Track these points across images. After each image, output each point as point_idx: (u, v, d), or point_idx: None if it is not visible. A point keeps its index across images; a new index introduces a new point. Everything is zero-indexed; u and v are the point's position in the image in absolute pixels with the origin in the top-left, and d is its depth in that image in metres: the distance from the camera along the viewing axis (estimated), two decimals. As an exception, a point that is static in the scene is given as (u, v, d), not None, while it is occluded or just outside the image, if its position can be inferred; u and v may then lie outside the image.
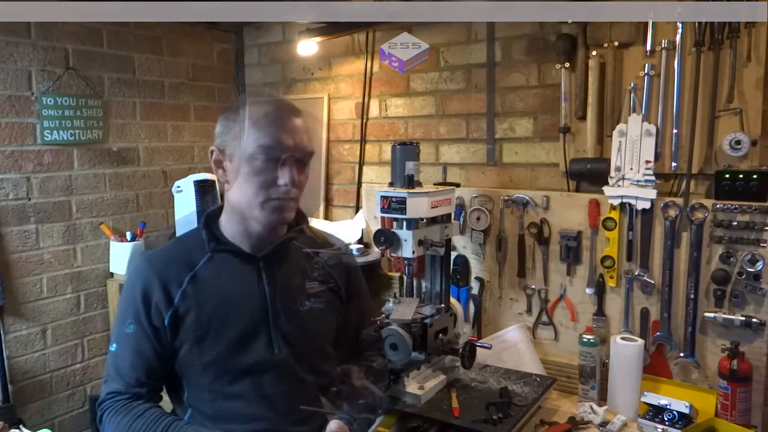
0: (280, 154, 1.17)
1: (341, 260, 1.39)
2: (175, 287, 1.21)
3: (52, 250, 2.38)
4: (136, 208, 2.67)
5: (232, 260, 1.25)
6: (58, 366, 2.44)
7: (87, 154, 2.47)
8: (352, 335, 1.41)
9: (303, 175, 1.22)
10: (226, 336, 1.20)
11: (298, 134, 1.19)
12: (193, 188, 2.31)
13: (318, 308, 1.29)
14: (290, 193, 1.19)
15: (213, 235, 1.26)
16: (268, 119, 1.19)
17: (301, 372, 1.25)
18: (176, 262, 1.25)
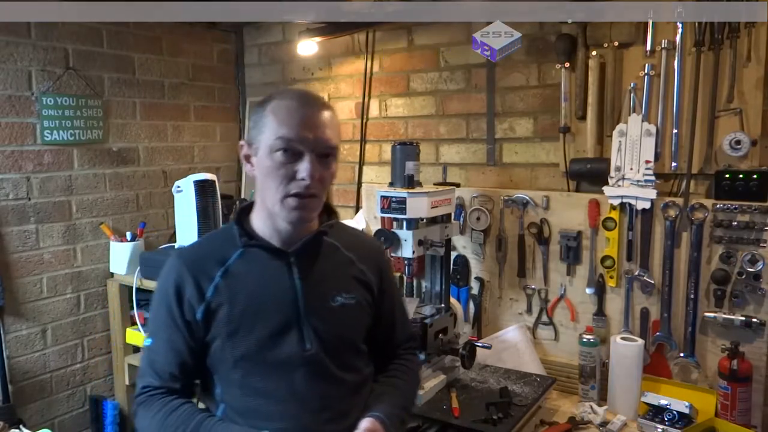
0: (300, 147, 1.15)
1: (373, 257, 1.37)
2: (207, 282, 1.21)
3: (52, 250, 2.38)
4: (136, 208, 2.67)
5: (263, 255, 1.24)
6: (58, 366, 2.44)
7: (87, 154, 2.47)
8: (384, 333, 1.38)
9: (326, 170, 1.19)
10: (258, 331, 1.20)
11: (320, 127, 1.16)
12: (193, 188, 2.31)
13: (350, 304, 1.27)
14: (311, 188, 1.16)
15: (244, 230, 1.25)
16: (288, 111, 1.17)
17: (334, 368, 1.23)
18: (208, 257, 1.25)
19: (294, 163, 1.15)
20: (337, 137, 1.20)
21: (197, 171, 2.52)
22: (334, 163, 1.21)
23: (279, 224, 1.22)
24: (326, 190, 1.23)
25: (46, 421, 2.39)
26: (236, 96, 3.11)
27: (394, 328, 1.41)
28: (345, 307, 1.26)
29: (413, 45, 2.52)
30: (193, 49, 2.87)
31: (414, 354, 1.47)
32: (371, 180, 2.70)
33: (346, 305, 1.26)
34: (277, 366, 1.20)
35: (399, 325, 1.43)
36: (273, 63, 2.99)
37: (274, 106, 1.18)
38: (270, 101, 1.20)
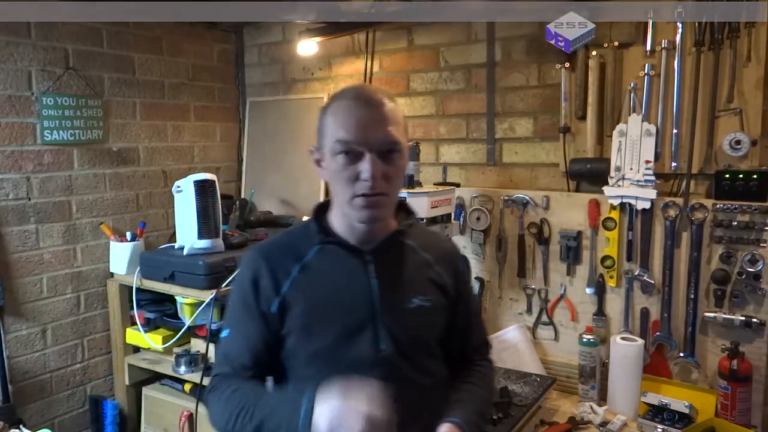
0: (359, 148, 1.13)
1: (450, 260, 1.35)
2: (284, 276, 1.22)
3: (52, 250, 2.38)
4: (136, 208, 2.67)
5: (340, 253, 1.23)
6: (58, 366, 2.43)
7: (87, 154, 2.47)
8: (459, 338, 1.36)
9: (391, 167, 1.15)
10: (332, 328, 1.19)
11: (378, 124, 1.14)
12: (193, 188, 2.31)
13: (426, 307, 1.25)
14: (376, 188, 1.14)
15: (322, 227, 1.25)
16: (344, 112, 1.16)
17: (407, 370, 1.22)
18: (286, 252, 1.25)
19: (356, 164, 1.14)
20: (399, 131, 1.17)
21: (197, 171, 2.51)
22: (399, 159, 1.18)
23: (353, 223, 1.22)
24: (396, 187, 1.21)
25: (46, 421, 2.39)
26: (236, 96, 3.11)
27: (469, 333, 1.39)
28: (421, 309, 1.24)
29: (413, 45, 2.52)
30: (193, 49, 2.87)
31: (489, 360, 1.44)
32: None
33: (422, 307, 1.24)
34: (350, 365, 1.19)
35: (474, 330, 1.40)
36: (273, 63, 2.99)
37: (332, 108, 1.18)
38: (330, 104, 1.20)
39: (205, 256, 2.25)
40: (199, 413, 2.27)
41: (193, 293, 2.25)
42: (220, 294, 2.13)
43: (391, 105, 1.18)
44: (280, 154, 2.92)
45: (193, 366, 2.32)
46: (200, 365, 2.30)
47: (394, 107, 1.19)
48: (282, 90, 2.97)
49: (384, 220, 1.23)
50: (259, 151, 3.01)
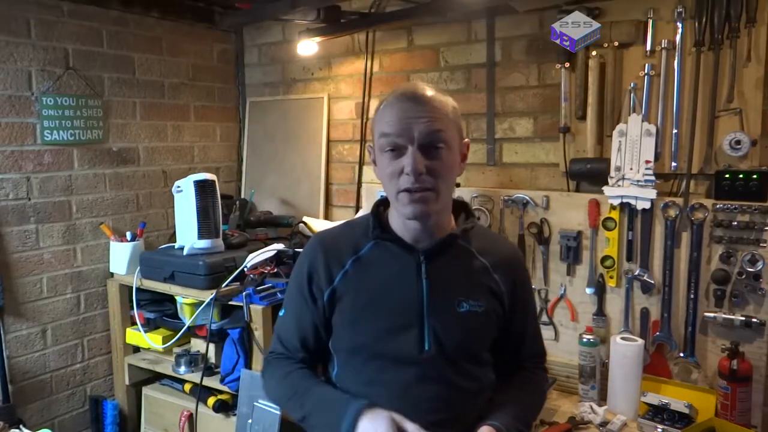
0: (400, 142, 1.14)
1: (509, 266, 1.31)
2: (338, 268, 1.23)
3: (52, 250, 2.38)
4: (136, 208, 2.67)
5: (394, 250, 1.23)
6: (58, 366, 2.43)
7: (87, 154, 2.47)
8: (512, 347, 1.33)
9: (437, 161, 1.14)
10: (379, 322, 1.20)
11: (419, 117, 1.14)
12: (193, 188, 2.31)
13: (476, 312, 1.22)
14: (420, 181, 1.13)
15: (379, 223, 1.25)
16: (389, 108, 1.17)
17: (450, 373, 1.20)
18: (344, 243, 1.26)
19: (400, 159, 1.15)
20: (445, 125, 1.16)
21: (197, 171, 2.52)
22: (446, 154, 1.16)
23: (406, 221, 1.21)
24: (446, 183, 1.19)
25: (46, 421, 2.39)
26: (236, 96, 3.11)
27: (522, 343, 1.36)
28: (471, 314, 1.22)
29: (413, 45, 2.52)
30: (193, 49, 2.87)
31: (542, 369, 1.41)
32: (371, 180, 2.70)
33: (472, 312, 1.22)
34: (393, 361, 1.19)
35: (528, 341, 1.37)
36: (273, 63, 2.99)
37: (382, 106, 1.20)
38: (381, 103, 1.21)
39: (205, 256, 2.25)
40: (199, 413, 2.27)
41: (193, 293, 2.25)
42: (220, 294, 2.13)
43: (439, 98, 1.18)
44: (280, 154, 2.92)
45: (193, 366, 2.32)
46: (200, 365, 2.30)
47: (442, 101, 1.19)
48: (282, 90, 2.97)
49: (434, 216, 1.21)
50: (259, 151, 3.01)
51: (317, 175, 2.78)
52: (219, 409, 2.22)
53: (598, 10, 1.99)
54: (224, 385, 2.19)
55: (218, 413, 2.23)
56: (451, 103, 1.21)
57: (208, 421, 2.27)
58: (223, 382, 2.19)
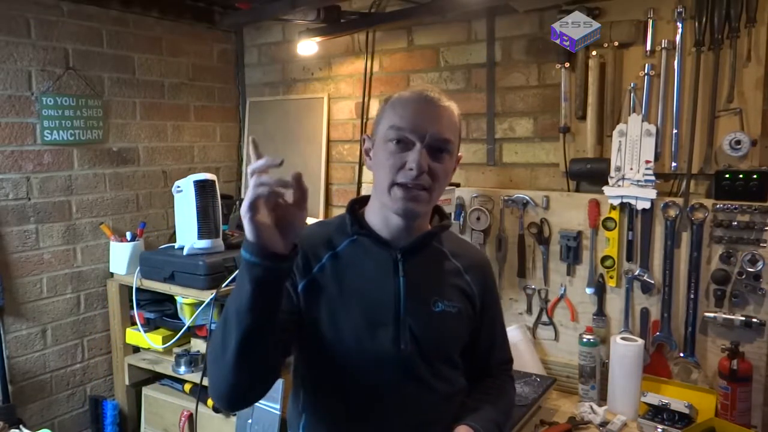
0: (411, 137, 1.15)
1: (479, 269, 1.34)
2: (315, 261, 1.21)
3: (52, 250, 2.38)
4: (136, 208, 2.67)
5: (371, 247, 1.23)
6: (58, 366, 2.43)
7: (87, 154, 2.47)
8: (482, 351, 1.35)
9: (439, 163, 1.17)
10: (355, 318, 1.18)
11: (434, 120, 1.17)
12: (193, 188, 2.31)
13: (450, 313, 1.24)
14: (419, 179, 1.15)
15: (356, 219, 1.25)
16: (404, 103, 1.19)
17: (425, 373, 1.21)
18: (320, 239, 1.24)
19: (405, 154, 1.15)
20: (453, 134, 1.19)
21: (197, 171, 2.52)
22: (448, 159, 1.19)
23: (390, 217, 1.21)
24: (439, 187, 1.20)
25: (46, 421, 2.39)
26: (236, 96, 3.11)
27: (492, 347, 1.37)
28: (446, 314, 1.23)
29: (413, 45, 2.52)
30: (193, 49, 2.87)
31: (510, 377, 1.43)
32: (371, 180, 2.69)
33: (447, 312, 1.23)
34: (369, 359, 1.18)
35: (497, 346, 1.39)
36: (273, 63, 2.99)
37: (394, 100, 1.21)
38: (392, 97, 1.22)
39: (205, 256, 2.26)
40: (199, 413, 2.27)
41: (193, 293, 2.25)
42: (220, 294, 2.13)
43: (453, 109, 1.21)
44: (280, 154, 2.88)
45: (193, 366, 2.32)
46: (200, 365, 2.30)
47: (454, 112, 1.22)
48: (282, 90, 2.97)
49: (421, 217, 1.23)
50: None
51: (317, 175, 2.78)
52: (219, 409, 2.22)
53: (598, 10, 1.99)
54: (224, 385, 2.18)
55: (218, 413, 2.23)
56: (459, 118, 1.24)
57: (208, 421, 2.27)
58: (223, 382, 2.19)
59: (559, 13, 1.99)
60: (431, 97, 1.20)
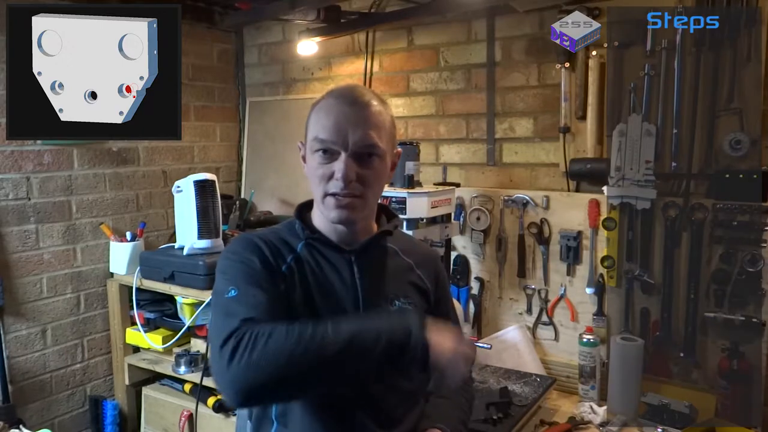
0: (334, 147, 1.13)
1: (430, 264, 1.35)
2: (282, 261, 1.19)
3: (52, 250, 2.38)
4: (136, 208, 2.67)
5: (325, 250, 1.22)
6: (58, 366, 2.43)
7: (87, 154, 2.47)
8: None
9: (367, 169, 1.14)
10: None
11: (358, 126, 1.13)
12: (193, 188, 2.31)
13: (408, 309, 1.24)
14: (349, 188, 1.14)
15: (306, 224, 1.24)
16: (326, 111, 1.16)
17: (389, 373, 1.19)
18: (278, 242, 1.22)
19: (331, 163, 1.14)
20: (380, 135, 1.16)
21: (197, 171, 2.51)
22: (378, 162, 1.16)
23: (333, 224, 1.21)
24: (374, 191, 1.19)
25: (46, 421, 2.39)
26: (236, 96, 3.11)
27: None
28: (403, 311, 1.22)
29: (413, 45, 2.52)
30: (193, 49, 2.87)
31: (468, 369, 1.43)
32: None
33: (404, 310, 1.23)
34: None
35: None
36: (273, 63, 2.99)
37: (319, 105, 1.18)
38: (318, 102, 1.20)
39: (205, 256, 2.25)
40: (199, 413, 2.27)
41: (193, 293, 2.25)
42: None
43: (378, 108, 1.17)
44: (280, 154, 2.92)
45: (193, 366, 2.32)
46: (200, 365, 2.30)
47: (381, 110, 1.18)
48: (282, 90, 2.97)
49: (359, 223, 1.22)
50: (259, 151, 3.01)
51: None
52: (219, 409, 2.22)
53: (598, 10, 1.99)
54: (224, 385, 2.18)
55: (218, 413, 2.23)
56: (389, 111, 1.21)
57: (208, 421, 2.27)
58: (223, 382, 2.19)
59: (559, 13, 1.99)
60: (355, 100, 1.16)
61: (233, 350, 0.98)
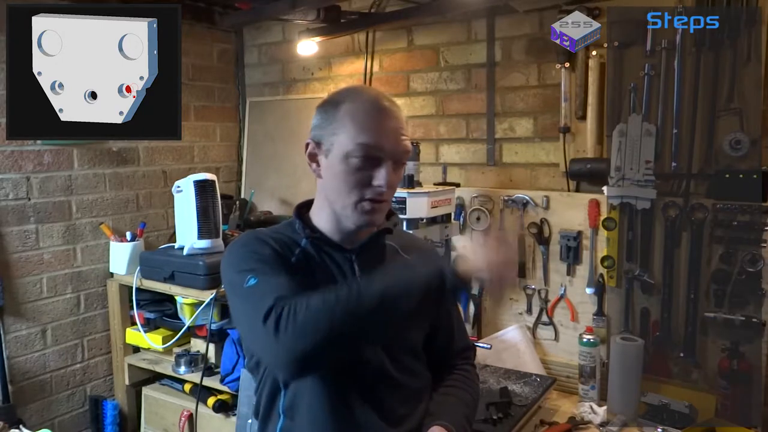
0: (379, 154, 1.14)
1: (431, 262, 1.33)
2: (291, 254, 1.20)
3: (52, 250, 2.38)
4: (136, 208, 2.67)
5: (326, 249, 1.23)
6: (58, 366, 2.43)
7: (87, 154, 2.47)
8: (443, 340, 1.37)
9: (397, 175, 1.18)
10: None
11: (397, 133, 1.15)
12: (193, 188, 2.31)
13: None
14: (384, 195, 1.16)
15: (306, 224, 1.25)
16: (368, 117, 1.15)
17: (392, 371, 1.22)
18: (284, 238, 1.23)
19: (370, 170, 1.14)
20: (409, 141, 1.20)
21: (197, 171, 2.52)
22: (404, 167, 1.21)
23: (344, 225, 1.22)
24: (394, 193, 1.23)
25: (46, 421, 2.39)
26: (236, 96, 3.11)
27: (452, 335, 1.39)
28: None
29: (413, 45, 2.52)
30: (193, 49, 2.87)
31: (472, 365, 1.45)
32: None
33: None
34: None
35: (457, 332, 1.41)
36: (273, 63, 2.99)
37: (351, 109, 1.16)
38: (344, 102, 1.17)
39: (205, 256, 2.26)
40: (199, 413, 2.27)
41: (193, 293, 2.25)
42: (220, 294, 2.13)
43: (401, 113, 1.20)
44: (280, 154, 2.92)
45: (193, 366, 2.33)
46: (200, 365, 2.30)
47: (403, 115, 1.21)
48: (282, 90, 2.97)
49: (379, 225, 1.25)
50: (259, 151, 3.01)
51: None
52: (219, 409, 2.22)
53: (598, 10, 1.99)
54: (224, 385, 2.19)
55: (218, 413, 2.23)
56: None
57: (208, 421, 2.27)
58: (223, 382, 2.19)
59: (559, 13, 1.99)
60: (389, 107, 1.17)
61: (276, 322, 1.01)
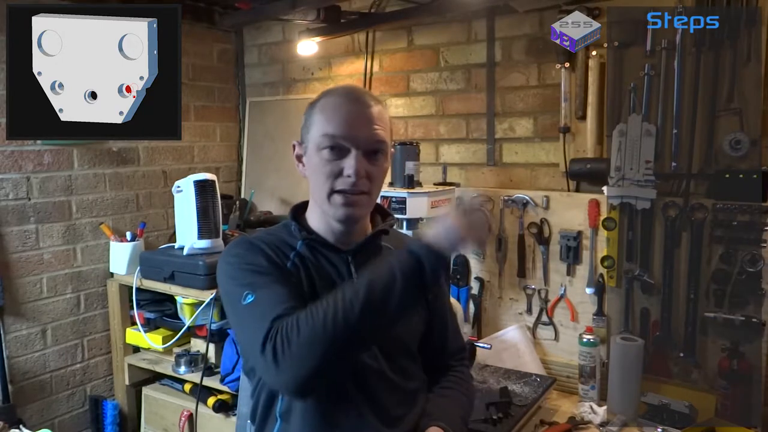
0: (346, 144, 1.14)
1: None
2: (285, 258, 1.20)
3: (52, 250, 2.38)
4: (136, 208, 2.67)
5: (322, 251, 1.23)
6: (58, 366, 2.43)
7: (87, 154, 2.47)
8: (438, 340, 1.37)
9: (375, 166, 1.17)
10: None
11: (367, 123, 1.15)
12: (193, 188, 2.31)
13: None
14: (358, 185, 1.14)
15: (302, 225, 1.25)
16: (335, 108, 1.16)
17: (389, 372, 1.22)
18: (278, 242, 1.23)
19: (340, 160, 1.15)
20: (386, 132, 1.19)
21: (197, 171, 2.51)
22: (383, 159, 1.20)
23: (332, 224, 1.22)
24: (377, 188, 1.21)
25: (46, 421, 2.39)
26: (236, 96, 3.11)
27: (447, 336, 1.39)
28: None
29: (413, 45, 2.52)
30: (193, 49, 2.87)
31: (466, 366, 1.45)
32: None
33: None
34: None
35: (451, 333, 1.41)
36: (273, 63, 2.99)
37: (322, 103, 1.19)
38: (320, 100, 1.20)
39: (205, 256, 2.26)
40: (199, 413, 2.27)
41: (193, 293, 2.25)
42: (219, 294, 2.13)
43: (379, 107, 1.20)
44: (280, 154, 2.92)
45: (193, 366, 2.33)
46: (200, 365, 2.30)
47: (382, 109, 1.21)
48: (282, 90, 2.97)
49: (362, 220, 1.24)
50: (259, 151, 3.01)
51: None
52: (219, 409, 2.22)
53: (598, 10, 1.99)
54: (224, 385, 2.19)
55: (218, 413, 2.23)
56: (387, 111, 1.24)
57: (208, 421, 2.27)
58: (223, 382, 2.19)
59: (559, 13, 1.99)
60: (360, 98, 1.18)
61: (273, 350, 1.02)
